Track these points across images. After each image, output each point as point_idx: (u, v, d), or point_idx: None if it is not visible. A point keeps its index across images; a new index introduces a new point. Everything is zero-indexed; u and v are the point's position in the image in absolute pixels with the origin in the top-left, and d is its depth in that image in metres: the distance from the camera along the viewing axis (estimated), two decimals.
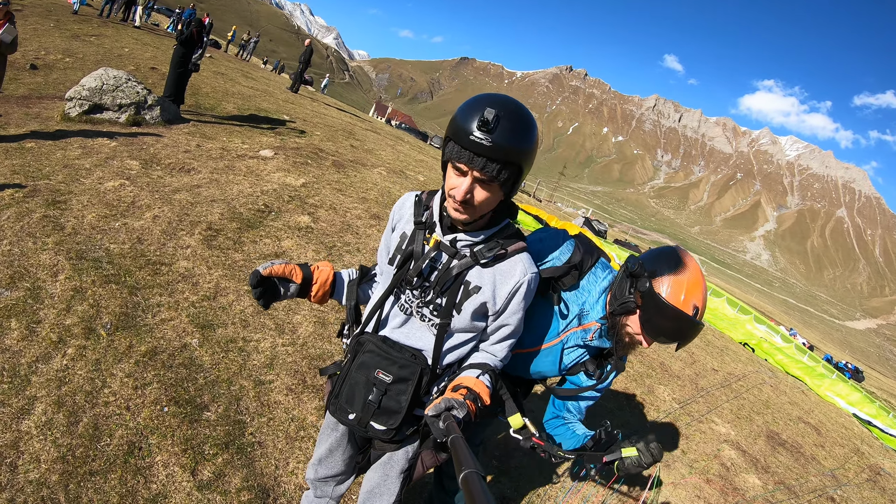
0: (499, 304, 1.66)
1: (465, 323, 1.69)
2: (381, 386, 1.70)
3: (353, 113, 24.21)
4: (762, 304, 59.30)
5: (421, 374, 1.70)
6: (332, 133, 12.24)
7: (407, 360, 1.70)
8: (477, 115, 1.42)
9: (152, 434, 2.83)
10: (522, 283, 1.65)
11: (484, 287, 1.65)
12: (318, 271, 1.91)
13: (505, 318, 1.70)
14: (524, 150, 1.48)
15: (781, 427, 7.56)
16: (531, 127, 1.50)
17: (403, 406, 1.70)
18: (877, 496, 6.68)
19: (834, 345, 74.58)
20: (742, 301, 14.66)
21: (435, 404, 1.42)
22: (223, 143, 8.13)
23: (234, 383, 3.46)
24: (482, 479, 0.96)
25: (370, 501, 1.96)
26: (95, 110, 7.40)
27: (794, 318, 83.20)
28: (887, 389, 32.48)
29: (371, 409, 1.71)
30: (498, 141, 1.41)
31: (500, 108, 1.43)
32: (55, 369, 2.96)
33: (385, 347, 1.73)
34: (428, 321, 1.73)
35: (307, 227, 6.05)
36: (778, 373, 11.54)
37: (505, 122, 1.42)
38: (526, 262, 1.68)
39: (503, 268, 1.66)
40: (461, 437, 1.23)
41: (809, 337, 43.86)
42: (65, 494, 2.33)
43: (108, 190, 5.28)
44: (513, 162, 1.47)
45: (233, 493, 2.71)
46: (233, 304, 4.24)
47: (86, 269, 3.88)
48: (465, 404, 1.46)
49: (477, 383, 1.61)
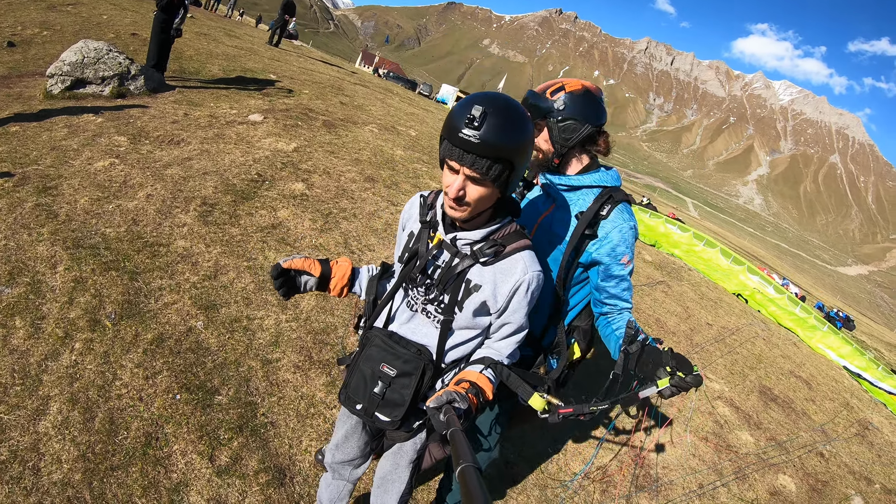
0: (500, 302, 1.68)
1: (467, 320, 1.73)
2: (386, 379, 1.77)
3: (340, 66, 23.63)
4: (755, 249, 59.64)
5: (424, 369, 1.76)
6: (320, 90, 11.97)
7: (411, 355, 1.76)
8: (466, 112, 1.43)
9: (167, 423, 2.89)
10: (522, 282, 1.65)
11: (484, 285, 1.68)
12: (337, 266, 1.98)
13: (507, 317, 1.72)
14: (514, 146, 1.48)
15: (773, 382, 7.73)
16: (522, 122, 1.50)
17: (406, 399, 1.76)
18: (864, 451, 6.89)
19: (825, 290, 75.51)
20: (735, 245, 14.73)
21: (436, 397, 1.45)
22: (211, 110, 7.96)
23: (242, 364, 3.51)
24: (479, 474, 0.99)
25: (382, 487, 2.09)
26: (78, 85, 7.21)
27: (786, 263, 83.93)
28: (877, 336, 33.01)
29: (376, 401, 1.79)
30: (485, 137, 1.42)
31: (488, 105, 1.44)
32: (65, 366, 3.00)
33: (390, 342, 1.80)
34: (432, 318, 1.79)
35: (302, 194, 6.00)
36: (770, 325, 11.69)
37: (493, 118, 1.42)
38: (527, 260, 1.68)
39: (503, 266, 1.67)
40: (461, 431, 1.26)
41: (801, 282, 44.37)
42: (90, 492, 2.40)
43: (99, 170, 5.21)
44: (503, 158, 1.47)
45: (251, 476, 2.79)
46: (234, 281, 4.25)
47: (84, 257, 3.87)
48: (467, 397, 1.49)
49: (480, 377, 1.65)
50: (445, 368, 1.84)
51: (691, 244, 13.39)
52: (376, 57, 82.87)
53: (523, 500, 3.53)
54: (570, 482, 3.88)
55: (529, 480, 3.72)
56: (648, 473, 4.33)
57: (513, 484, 3.63)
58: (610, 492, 3.95)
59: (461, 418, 1.41)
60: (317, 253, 5.05)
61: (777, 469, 5.23)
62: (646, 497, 4.07)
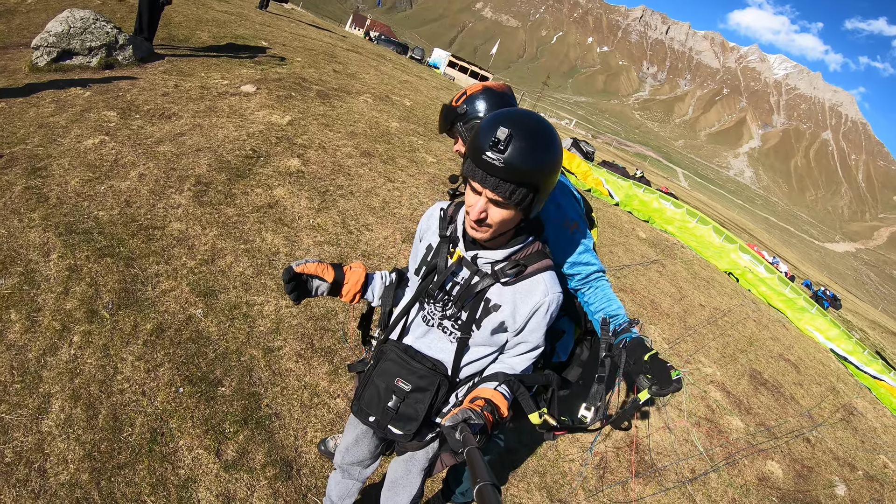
0: (518, 322, 1.65)
1: (484, 338, 1.71)
2: (400, 394, 1.76)
3: (332, 30, 23.10)
4: (744, 222, 60.03)
5: (439, 385, 1.74)
6: (313, 58, 11.71)
7: (426, 370, 1.75)
8: (491, 133, 1.38)
9: (171, 417, 2.86)
10: (543, 304, 1.62)
11: (504, 306, 1.65)
12: (350, 272, 1.92)
13: (525, 336, 1.70)
14: (540, 170, 1.43)
15: (763, 365, 7.86)
16: (549, 144, 1.44)
17: (420, 414, 1.75)
18: (849, 436, 7.06)
19: (812, 266, 76.41)
20: (725, 218, 14.83)
21: (452, 415, 1.42)
22: (202, 80, 7.75)
23: (244, 353, 3.48)
24: (496, 492, 1.00)
25: (393, 490, 2.11)
26: (65, 56, 6.95)
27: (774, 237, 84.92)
28: (862, 314, 33.55)
29: (389, 415, 1.78)
30: (510, 161, 1.37)
31: (514, 126, 1.38)
32: (64, 360, 2.95)
33: (406, 357, 1.78)
34: (448, 333, 1.76)
35: (298, 171, 5.90)
36: (761, 305, 11.83)
37: (518, 141, 1.37)
38: (548, 281, 1.65)
39: (524, 287, 1.64)
40: (477, 449, 1.24)
41: (789, 256, 44.82)
42: (98, 492, 2.39)
43: (89, 149, 5.06)
44: (528, 182, 1.42)
45: (258, 470, 2.79)
46: (231, 265, 4.20)
47: (77, 243, 3.78)
48: (483, 415, 1.47)
49: (495, 394, 1.63)
50: (459, 383, 1.82)
51: (684, 220, 13.43)
52: (367, 19, 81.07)
53: (524, 487, 3.58)
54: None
55: (529, 467, 3.76)
56: (643, 459, 4.41)
57: (513, 469, 3.67)
58: (607, 478, 4.02)
59: (477, 436, 1.39)
60: (315, 234, 4.98)
61: (766, 455, 5.36)
62: (641, 483, 4.14)
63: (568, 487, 3.75)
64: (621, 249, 9.53)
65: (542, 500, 3.55)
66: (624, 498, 3.90)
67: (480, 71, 55.35)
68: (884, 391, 10.23)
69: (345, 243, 5.07)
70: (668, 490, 4.19)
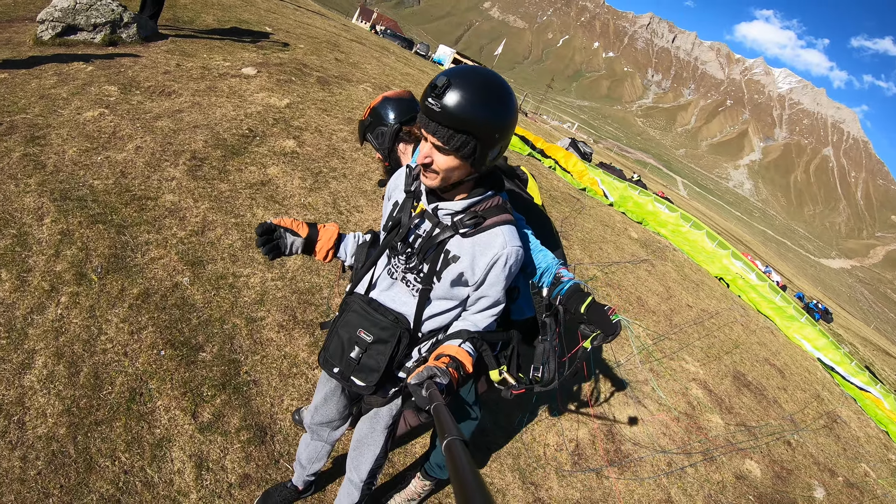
0: (477, 274, 1.69)
1: (444, 291, 1.75)
2: (362, 345, 1.81)
3: (337, 20, 23.09)
4: (741, 233, 60.08)
5: (400, 337, 1.79)
6: (316, 46, 11.75)
7: (388, 322, 1.79)
8: (433, 82, 1.47)
9: (151, 379, 2.93)
10: (500, 256, 1.65)
11: (462, 257, 1.69)
12: (324, 230, 2.01)
13: (484, 290, 1.73)
14: (475, 119, 1.46)
15: (748, 368, 7.88)
16: (491, 97, 1.49)
17: (381, 365, 1.80)
18: (831, 443, 7.08)
19: (807, 280, 76.34)
20: (722, 228, 14.86)
21: (417, 373, 1.45)
22: (204, 61, 7.80)
23: (227, 322, 3.54)
24: (465, 447, 0.99)
25: (358, 450, 2.16)
26: (69, 31, 7.00)
27: (770, 250, 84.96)
28: (854, 330, 33.56)
29: (352, 365, 1.83)
30: (445, 106, 1.44)
31: (455, 76, 1.46)
32: (50, 319, 3.01)
33: (369, 309, 1.83)
34: (411, 286, 1.81)
35: (292, 151, 5.95)
36: (750, 311, 11.83)
37: (457, 88, 1.44)
38: (507, 234, 1.67)
39: (482, 239, 1.68)
40: (443, 405, 1.26)
41: (783, 269, 44.83)
42: (74, 447, 2.45)
43: (88, 120, 5.12)
44: (465, 130, 1.47)
45: (232, 434, 2.85)
46: (221, 238, 4.26)
47: (71, 209, 3.84)
48: (448, 372, 1.50)
49: (459, 351, 1.66)
50: (422, 338, 1.86)
51: (678, 225, 13.45)
52: (374, 13, 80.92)
53: (496, 468, 3.64)
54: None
55: (503, 448, 3.82)
56: (619, 449, 4.46)
57: (488, 452, 3.73)
58: (581, 464, 4.07)
59: (443, 393, 1.43)
60: (305, 212, 5.04)
61: (744, 454, 5.39)
62: (615, 471, 4.19)
63: (541, 471, 3.80)
64: (611, 247, 9.56)
65: (514, 481, 3.60)
66: (597, 484, 3.95)
67: None
68: (869, 403, 10.21)
69: (334, 223, 5.11)
70: (643, 481, 4.23)
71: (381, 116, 2.43)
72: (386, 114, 2.42)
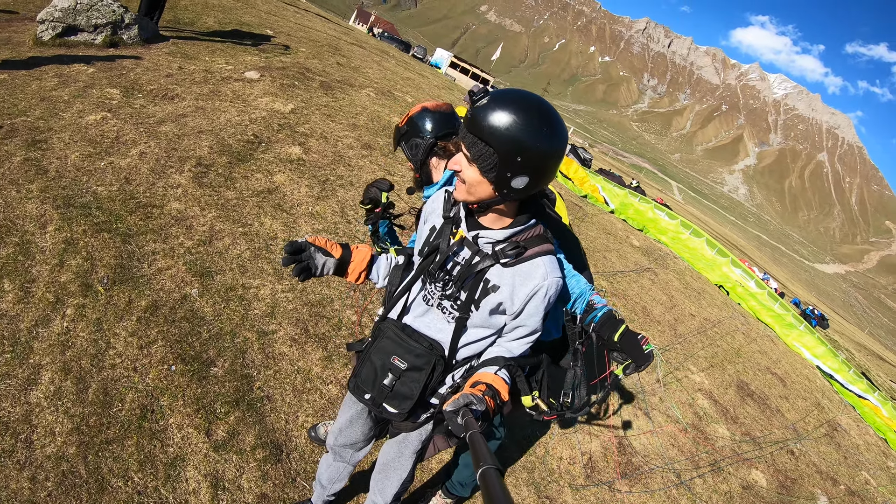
0: (516, 305, 1.64)
1: (482, 319, 1.70)
2: (396, 372, 1.76)
3: (337, 23, 23.08)
4: (735, 238, 60.58)
5: (434, 364, 1.75)
6: (317, 49, 11.68)
7: (423, 349, 1.75)
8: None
9: (162, 395, 2.84)
10: (541, 287, 1.61)
11: (502, 287, 1.64)
12: (357, 251, 1.94)
13: (522, 320, 1.69)
14: (498, 133, 1.41)
15: (751, 377, 7.90)
16: (523, 117, 1.41)
17: (415, 393, 1.76)
18: (832, 451, 7.11)
19: (801, 285, 77.07)
20: (716, 233, 14.95)
21: (454, 400, 1.41)
22: (206, 64, 7.71)
23: (238, 335, 3.46)
24: (500, 476, 0.99)
25: (384, 473, 2.09)
26: (70, 32, 6.89)
27: (765, 255, 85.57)
28: (849, 336, 33.77)
29: (385, 392, 1.79)
30: (476, 112, 1.43)
31: (500, 92, 1.46)
32: (56, 333, 2.92)
33: (403, 335, 1.78)
34: (447, 313, 1.76)
35: (298, 158, 5.88)
36: (749, 319, 11.91)
37: (492, 101, 1.42)
38: (548, 265, 1.64)
39: (523, 269, 1.63)
40: (479, 433, 1.24)
41: (778, 275, 45.23)
42: (85, 466, 2.36)
43: (90, 124, 5.02)
44: (489, 142, 1.42)
45: (248, 452, 2.77)
46: (229, 248, 4.17)
47: (75, 217, 3.74)
48: (484, 400, 1.46)
49: (496, 379, 1.62)
50: (456, 364, 1.82)
51: (678, 232, 13.51)
52: (371, 15, 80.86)
53: (512, 482, 3.58)
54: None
55: (518, 462, 3.77)
56: (630, 461, 4.41)
57: (502, 465, 3.66)
58: (594, 477, 4.02)
59: (479, 421, 1.38)
60: (313, 221, 4.97)
61: (750, 464, 5.39)
62: (627, 484, 4.15)
63: (556, 485, 3.75)
64: (615, 256, 9.56)
65: (530, 495, 3.55)
66: (610, 497, 3.90)
67: (482, 73, 55.28)
68: (868, 410, 10.31)
69: (343, 232, 5.05)
70: (654, 493, 4.20)
71: (417, 127, 2.34)
72: (423, 125, 2.33)
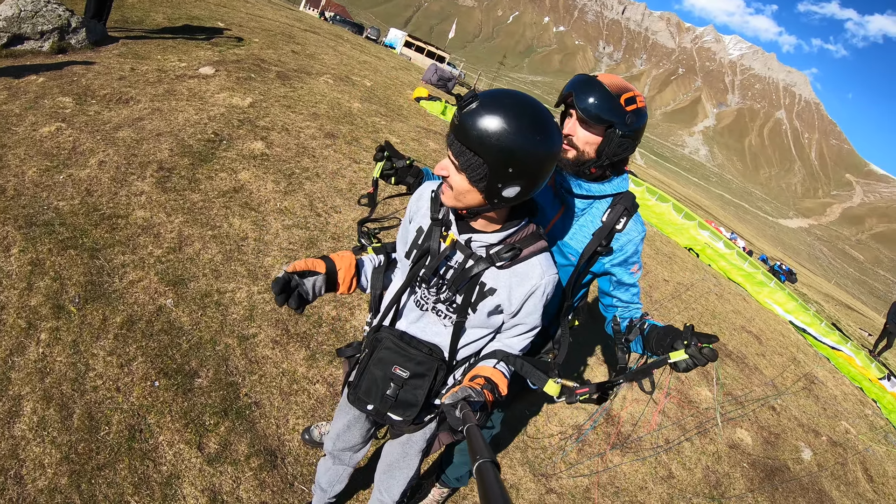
0: (514, 305, 1.63)
1: (480, 321, 1.68)
2: (399, 381, 1.73)
3: (289, 9, 22.55)
4: (699, 199, 61.52)
5: (437, 369, 1.72)
6: (271, 39, 11.41)
7: (423, 356, 1.71)
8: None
9: (149, 413, 2.79)
10: (539, 287, 1.60)
11: (499, 289, 1.62)
12: (340, 258, 1.82)
13: (520, 318, 1.68)
14: (488, 142, 1.34)
15: (727, 337, 8.04)
16: (513, 124, 1.34)
17: (420, 399, 1.74)
18: (811, 404, 7.30)
19: (767, 241, 78.79)
20: (680, 195, 15.15)
21: (452, 393, 1.41)
22: (159, 63, 7.48)
23: (219, 342, 3.40)
24: (496, 469, 0.99)
25: (389, 473, 2.07)
26: (16, 41, 6.62)
27: (729, 213, 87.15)
28: (816, 287, 34.62)
29: (389, 403, 1.76)
30: (463, 120, 1.36)
31: (488, 93, 1.39)
32: (33, 360, 2.83)
33: (402, 344, 1.74)
34: (443, 316, 1.72)
35: (262, 154, 5.77)
36: (721, 279, 12.07)
37: (481, 104, 1.35)
38: (544, 264, 1.62)
39: (519, 270, 1.61)
40: (477, 426, 1.24)
41: (744, 232, 46.13)
42: (79, 496, 2.31)
43: (45, 137, 4.84)
44: (476, 150, 1.36)
45: (242, 462, 2.74)
46: (200, 252, 4.09)
47: (38, 236, 3.62)
48: (482, 393, 1.46)
49: (494, 372, 1.61)
50: (457, 365, 1.80)
51: (644, 198, 13.65)
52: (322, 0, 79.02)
53: (507, 463, 3.61)
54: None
55: (511, 443, 3.79)
56: (620, 431, 4.49)
57: (496, 448, 3.70)
58: (585, 450, 4.09)
59: (477, 414, 1.37)
60: (283, 217, 4.89)
61: (735, 423, 5.52)
62: (618, 454, 4.23)
63: (549, 462, 3.80)
64: None
65: (526, 475, 3.59)
66: (603, 469, 3.98)
67: (437, 51, 54.68)
68: (842, 360, 10.58)
69: (314, 226, 4.98)
70: (645, 459, 4.28)
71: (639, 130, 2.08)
72: (641, 132, 2.15)
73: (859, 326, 22.94)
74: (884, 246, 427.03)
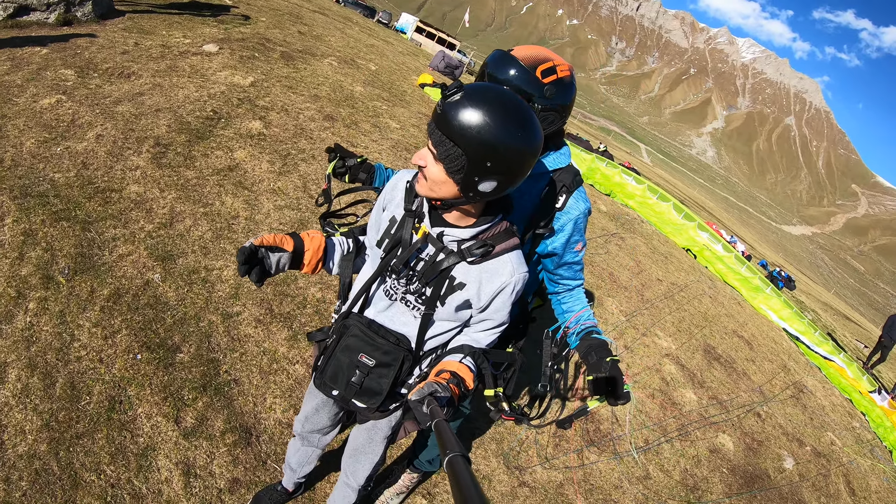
0: (483, 301, 1.65)
1: (448, 314, 1.69)
2: (364, 369, 1.75)
3: None
4: (703, 200, 61.18)
5: (403, 359, 1.74)
6: (278, 18, 11.40)
7: (390, 346, 1.73)
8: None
9: (130, 385, 2.85)
10: (509, 284, 1.62)
11: (469, 284, 1.63)
12: (310, 239, 1.81)
13: (489, 314, 1.69)
14: (468, 133, 1.36)
15: (718, 341, 8.05)
16: (496, 118, 1.36)
17: (384, 389, 1.76)
18: (798, 413, 7.31)
19: (769, 246, 78.24)
20: (684, 195, 15.08)
21: (418, 389, 1.41)
22: (163, 39, 7.50)
23: (203, 319, 3.46)
24: (467, 462, 1.00)
25: (354, 457, 2.11)
26: (22, 12, 6.62)
27: (733, 217, 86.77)
28: (815, 296, 34.42)
29: (353, 390, 1.78)
30: (445, 110, 1.37)
31: (472, 85, 1.40)
32: (20, 328, 2.89)
33: (369, 332, 1.75)
34: (412, 307, 1.74)
35: (259, 133, 5.80)
36: (717, 282, 12.06)
37: (464, 98, 1.36)
38: (515, 261, 1.63)
39: (490, 266, 1.62)
40: (444, 421, 1.24)
41: (746, 236, 45.80)
42: (57, 463, 2.37)
43: (45, 108, 4.88)
44: (456, 140, 1.38)
45: (218, 437, 2.80)
46: (190, 229, 4.14)
47: (33, 207, 3.67)
48: (449, 388, 1.47)
49: (460, 367, 1.62)
50: (423, 356, 1.82)
51: (645, 196, 13.59)
52: None
53: (481, 454, 3.66)
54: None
55: (487, 434, 3.84)
56: (599, 428, 4.55)
57: (472, 438, 3.75)
58: (562, 446, 4.14)
59: (444, 409, 1.39)
60: (275, 198, 4.93)
61: (717, 428, 5.55)
62: (595, 451, 4.27)
63: (525, 455, 3.85)
64: None
65: (499, 466, 3.64)
66: (579, 465, 4.02)
67: (448, 38, 54.16)
68: (833, 371, 10.49)
69: (305, 208, 5.02)
70: (623, 459, 4.32)
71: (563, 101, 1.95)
72: (569, 102, 1.98)
73: (856, 338, 22.87)
74: (885, 258, 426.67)
